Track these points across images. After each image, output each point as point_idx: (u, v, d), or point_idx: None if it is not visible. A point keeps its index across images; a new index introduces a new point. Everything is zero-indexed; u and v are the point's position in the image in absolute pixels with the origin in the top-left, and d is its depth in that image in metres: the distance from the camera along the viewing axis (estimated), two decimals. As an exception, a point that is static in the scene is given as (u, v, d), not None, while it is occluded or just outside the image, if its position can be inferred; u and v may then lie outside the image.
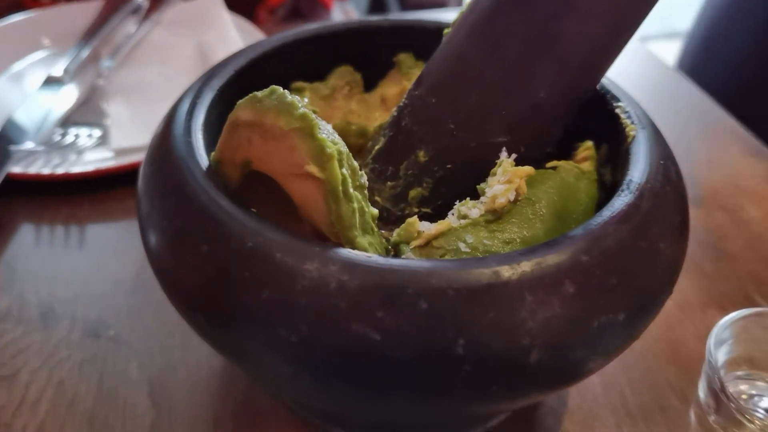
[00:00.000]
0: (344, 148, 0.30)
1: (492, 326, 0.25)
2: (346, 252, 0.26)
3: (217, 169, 0.31)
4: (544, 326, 0.26)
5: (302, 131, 0.28)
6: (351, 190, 0.29)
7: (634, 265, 0.28)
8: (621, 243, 0.28)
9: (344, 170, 0.29)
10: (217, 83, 0.37)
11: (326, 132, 0.29)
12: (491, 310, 0.25)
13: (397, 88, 0.44)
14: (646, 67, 0.82)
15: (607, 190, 0.37)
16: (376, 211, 0.32)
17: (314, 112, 0.38)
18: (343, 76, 0.44)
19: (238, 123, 0.30)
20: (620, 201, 0.30)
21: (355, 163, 0.31)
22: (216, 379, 0.43)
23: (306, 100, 0.40)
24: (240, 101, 0.30)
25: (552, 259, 0.26)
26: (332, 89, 0.43)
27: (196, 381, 0.43)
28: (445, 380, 0.25)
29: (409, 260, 0.26)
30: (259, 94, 0.30)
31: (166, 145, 0.32)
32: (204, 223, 0.28)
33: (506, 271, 0.26)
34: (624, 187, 0.31)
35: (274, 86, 0.30)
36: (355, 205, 0.29)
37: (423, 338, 0.25)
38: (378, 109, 0.44)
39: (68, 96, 0.69)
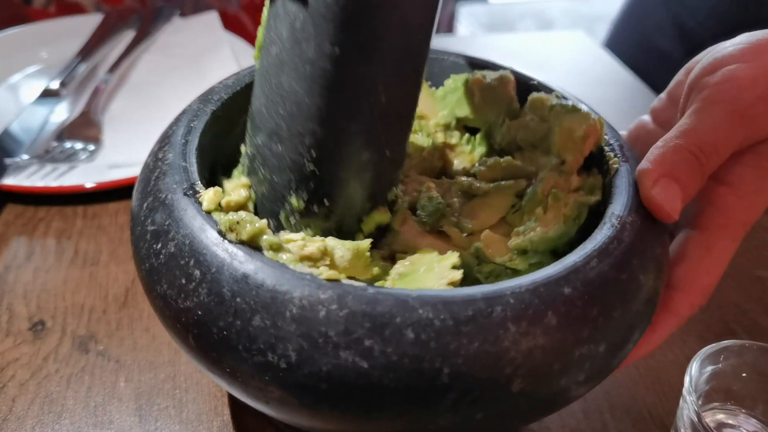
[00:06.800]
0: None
1: (476, 356, 0.26)
2: (336, 281, 0.27)
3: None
4: (527, 356, 0.27)
5: None
6: None
7: (615, 297, 0.29)
8: (602, 276, 0.29)
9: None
10: (211, 107, 0.37)
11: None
12: (475, 340, 0.26)
13: None
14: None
15: (595, 218, 0.38)
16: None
17: None
18: None
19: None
20: (602, 234, 0.31)
21: None
22: (203, 397, 0.43)
23: None
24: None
25: (535, 291, 0.27)
26: None
27: (184, 398, 0.43)
28: (430, 408, 0.26)
29: (397, 289, 0.26)
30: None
31: (161, 168, 0.33)
32: (198, 249, 0.28)
33: (491, 302, 0.26)
34: (606, 220, 0.32)
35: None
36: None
37: (409, 367, 0.25)
38: None
39: (64, 109, 0.70)
